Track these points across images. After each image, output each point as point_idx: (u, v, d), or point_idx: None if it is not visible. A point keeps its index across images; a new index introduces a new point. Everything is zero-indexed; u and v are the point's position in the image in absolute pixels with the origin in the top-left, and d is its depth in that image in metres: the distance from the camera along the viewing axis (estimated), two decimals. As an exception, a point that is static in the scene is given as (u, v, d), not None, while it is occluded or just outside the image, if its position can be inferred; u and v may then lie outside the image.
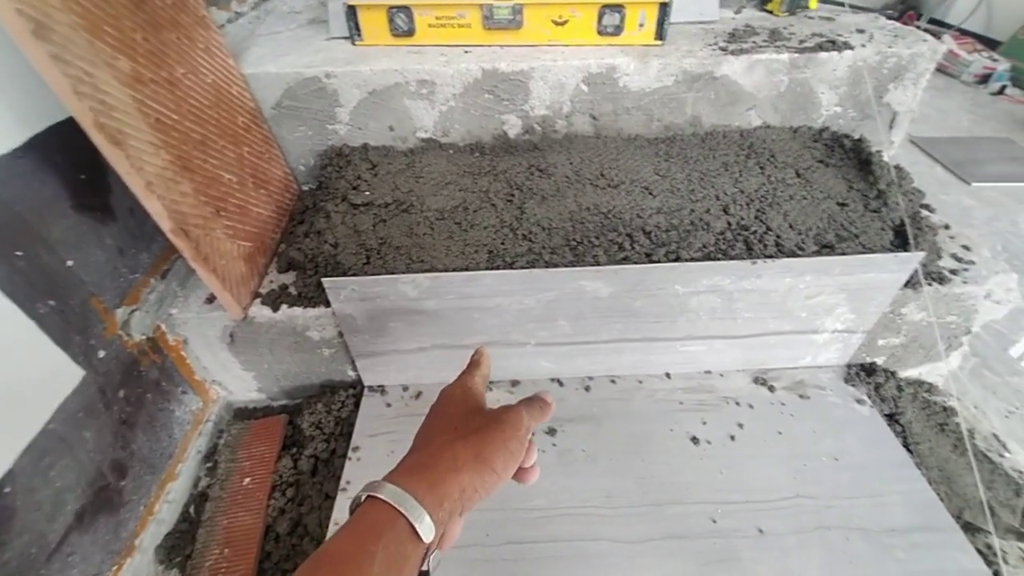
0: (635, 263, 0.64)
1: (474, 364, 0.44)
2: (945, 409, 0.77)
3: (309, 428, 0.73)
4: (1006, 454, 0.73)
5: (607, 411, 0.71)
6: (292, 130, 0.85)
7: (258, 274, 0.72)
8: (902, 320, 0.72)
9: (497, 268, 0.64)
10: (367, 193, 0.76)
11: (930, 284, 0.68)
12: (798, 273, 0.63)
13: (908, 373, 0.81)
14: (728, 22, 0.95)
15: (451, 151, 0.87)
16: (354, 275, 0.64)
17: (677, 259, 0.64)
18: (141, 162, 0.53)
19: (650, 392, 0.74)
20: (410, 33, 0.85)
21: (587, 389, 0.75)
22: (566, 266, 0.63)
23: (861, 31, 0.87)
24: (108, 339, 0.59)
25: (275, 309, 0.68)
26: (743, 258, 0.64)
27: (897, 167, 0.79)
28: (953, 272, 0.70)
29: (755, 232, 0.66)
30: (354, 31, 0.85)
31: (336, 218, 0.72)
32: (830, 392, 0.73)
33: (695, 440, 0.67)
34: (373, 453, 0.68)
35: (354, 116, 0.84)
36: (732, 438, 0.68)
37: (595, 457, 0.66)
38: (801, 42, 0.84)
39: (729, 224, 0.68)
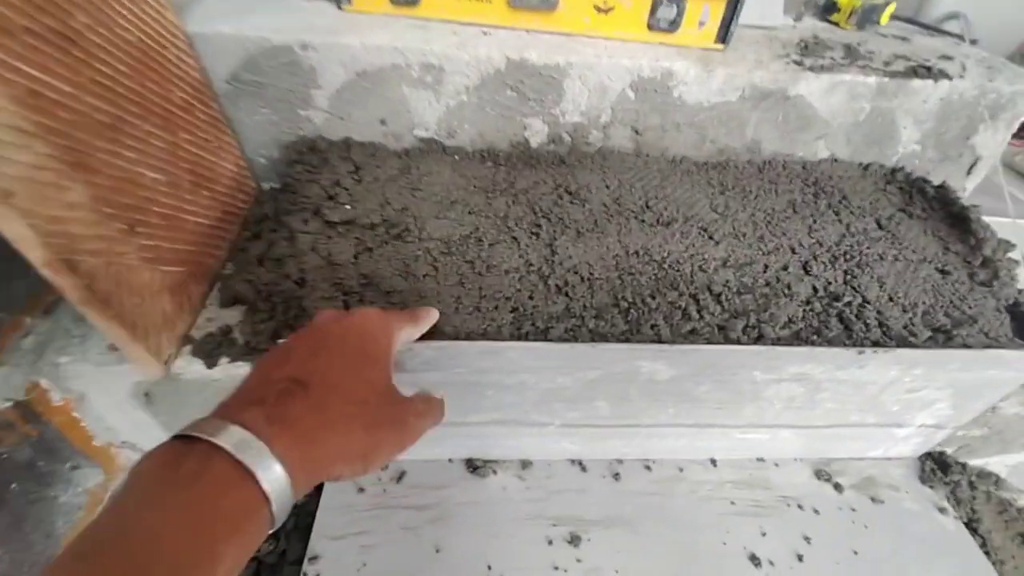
0: (705, 337, 0.49)
1: (416, 318, 0.39)
2: (1020, 511, 0.66)
3: (252, 518, 0.54)
4: (1093, 574, 0.63)
5: (643, 510, 0.57)
6: (252, 112, 0.65)
7: (191, 310, 0.53)
8: (994, 414, 0.60)
9: (525, 334, 0.47)
10: (347, 207, 0.58)
11: (1042, 378, 0.56)
12: (909, 366, 0.49)
13: (975, 462, 0.70)
14: (790, 31, 0.80)
15: (456, 157, 0.69)
16: (326, 331, 0.46)
17: (759, 336, 0.49)
18: (-8, 158, 0.34)
19: (694, 485, 0.59)
20: (413, 1, 0.66)
21: (616, 477, 0.60)
22: (618, 337, 0.47)
23: (948, 57, 0.74)
24: (-61, 418, 0.39)
25: (211, 364, 0.50)
26: (842, 340, 0.49)
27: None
28: (1061, 362, 0.59)
29: (849, 304, 0.52)
30: (342, -9, 0.65)
31: (304, 241, 0.53)
32: (906, 494, 0.61)
33: (755, 560, 0.54)
34: (337, 565, 0.51)
35: (335, 102, 0.65)
36: (799, 558, 0.54)
37: (632, 581, 0.51)
38: (886, 64, 0.70)
39: (815, 289, 0.54)
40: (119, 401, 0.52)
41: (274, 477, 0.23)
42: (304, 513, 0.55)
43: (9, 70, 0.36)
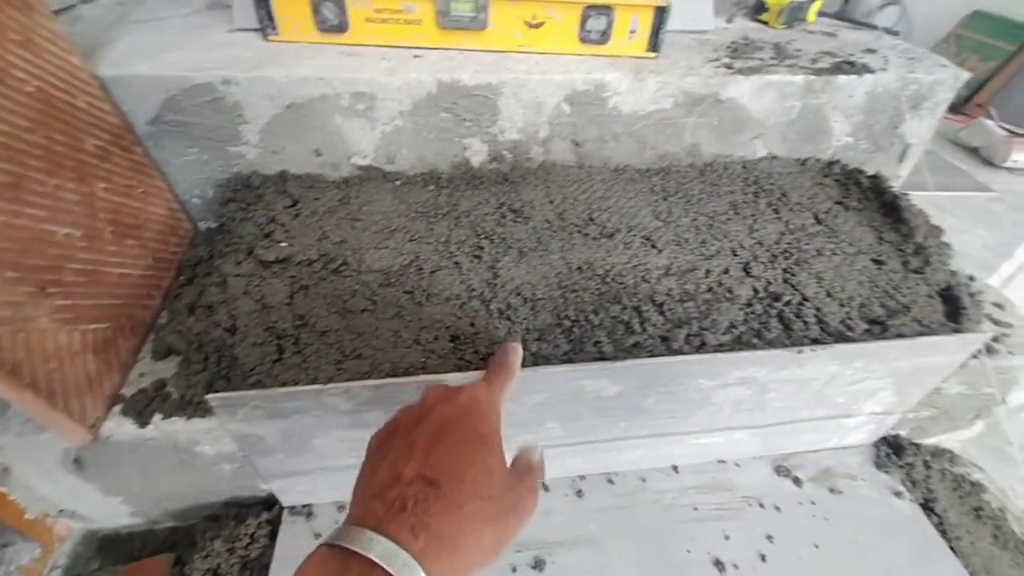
0: (648, 349, 0.49)
1: (510, 369, 0.39)
2: (973, 484, 0.68)
3: (203, 577, 0.52)
4: (1045, 540, 0.65)
5: (607, 526, 0.56)
6: (179, 153, 0.63)
7: (120, 366, 0.51)
8: (939, 395, 0.62)
9: (467, 363, 0.47)
10: (283, 244, 0.57)
11: (976, 357, 0.58)
12: (848, 360, 0.50)
13: (928, 441, 0.72)
14: (722, 33, 0.82)
15: (398, 182, 0.68)
16: (258, 380, 0.45)
17: (702, 344, 0.49)
18: None
19: (657, 494, 0.60)
20: (341, 28, 0.65)
21: (579, 494, 0.59)
22: (561, 358, 0.47)
23: (872, 51, 0.77)
24: None
25: (143, 423, 0.48)
26: (782, 340, 0.50)
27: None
28: (995, 340, 0.61)
29: (789, 303, 0.53)
30: (267, 21, 0.64)
31: (236, 285, 0.51)
32: (862, 482, 0.62)
33: (719, 565, 0.54)
34: (295, 618, 0.49)
35: (266, 136, 0.63)
36: (763, 558, 0.54)
37: (598, 602, 0.51)
38: (813, 61, 0.72)
39: (755, 291, 0.55)
40: (49, 470, 0.49)
41: None
42: (259, 566, 0.54)
43: None
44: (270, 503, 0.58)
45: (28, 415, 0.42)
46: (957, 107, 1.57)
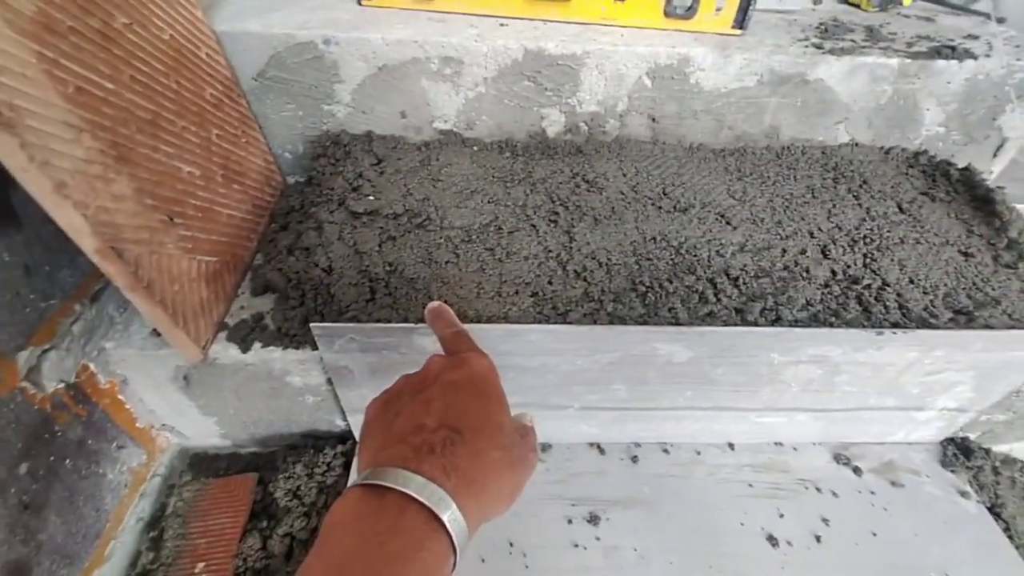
0: (722, 319, 0.49)
1: (464, 335, 0.40)
2: (1045, 497, 0.65)
3: (284, 497, 0.57)
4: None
5: (661, 492, 0.58)
6: (278, 108, 0.67)
7: (225, 298, 0.55)
8: (1019, 398, 0.60)
9: (545, 318, 0.49)
10: (371, 198, 0.60)
11: (1067, 360, 0.55)
12: (929, 347, 0.49)
13: (999, 448, 0.69)
14: (810, 14, 0.79)
15: (475, 148, 0.70)
16: (354, 316, 0.48)
17: (777, 319, 0.49)
18: (48, 153, 0.36)
19: (712, 468, 0.60)
20: (432, -5, 0.67)
21: (634, 460, 0.61)
22: (636, 320, 0.48)
23: (974, 37, 0.73)
24: (1, 397, 0.42)
25: (245, 348, 0.52)
26: (861, 322, 0.50)
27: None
28: (1089, 345, 0.58)
29: (869, 286, 0.53)
30: (362, -13, 0.67)
31: (331, 231, 0.55)
32: (927, 479, 0.61)
33: (773, 540, 0.54)
34: (367, 540, 0.53)
35: (357, 96, 0.67)
36: (817, 539, 0.55)
37: (650, 559, 0.52)
38: (909, 45, 0.69)
39: (833, 273, 0.54)
40: (160, 384, 0.55)
41: (459, 528, 0.25)
42: (334, 492, 0.58)
43: (59, 68, 0.38)
44: (343, 438, 0.62)
45: (155, 328, 0.47)
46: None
